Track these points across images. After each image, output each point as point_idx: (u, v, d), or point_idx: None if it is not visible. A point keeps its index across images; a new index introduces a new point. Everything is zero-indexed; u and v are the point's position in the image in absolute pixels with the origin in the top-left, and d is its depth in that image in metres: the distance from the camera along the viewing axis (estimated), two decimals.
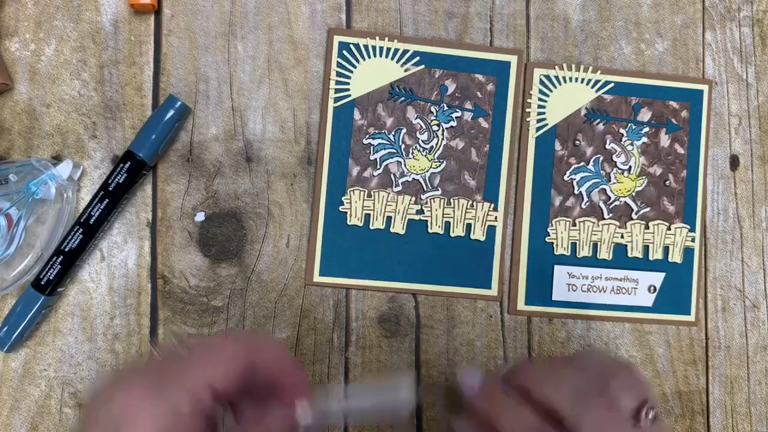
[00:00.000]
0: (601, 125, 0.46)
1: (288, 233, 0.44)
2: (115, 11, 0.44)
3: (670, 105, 0.47)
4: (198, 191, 0.44)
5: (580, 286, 0.46)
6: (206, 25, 0.44)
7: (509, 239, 0.46)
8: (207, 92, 0.44)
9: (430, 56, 0.45)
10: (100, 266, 0.43)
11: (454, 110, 0.45)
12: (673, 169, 0.47)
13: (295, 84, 0.45)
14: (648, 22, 0.47)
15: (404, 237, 0.45)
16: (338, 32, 0.45)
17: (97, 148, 0.43)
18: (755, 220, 0.48)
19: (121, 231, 0.43)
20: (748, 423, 0.47)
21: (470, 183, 0.45)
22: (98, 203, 0.41)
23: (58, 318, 0.42)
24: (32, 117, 0.43)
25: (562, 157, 0.46)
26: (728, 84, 0.48)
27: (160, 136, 0.42)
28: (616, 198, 0.46)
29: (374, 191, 0.45)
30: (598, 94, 0.46)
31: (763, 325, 0.47)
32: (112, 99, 0.43)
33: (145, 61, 0.44)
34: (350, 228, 0.44)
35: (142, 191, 0.43)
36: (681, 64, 0.48)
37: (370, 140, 0.45)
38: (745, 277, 0.47)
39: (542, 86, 0.46)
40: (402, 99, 0.45)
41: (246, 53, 0.44)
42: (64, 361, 0.42)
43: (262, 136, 0.44)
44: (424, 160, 0.45)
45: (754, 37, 0.48)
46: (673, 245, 0.46)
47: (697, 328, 0.47)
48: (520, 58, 0.46)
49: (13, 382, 0.42)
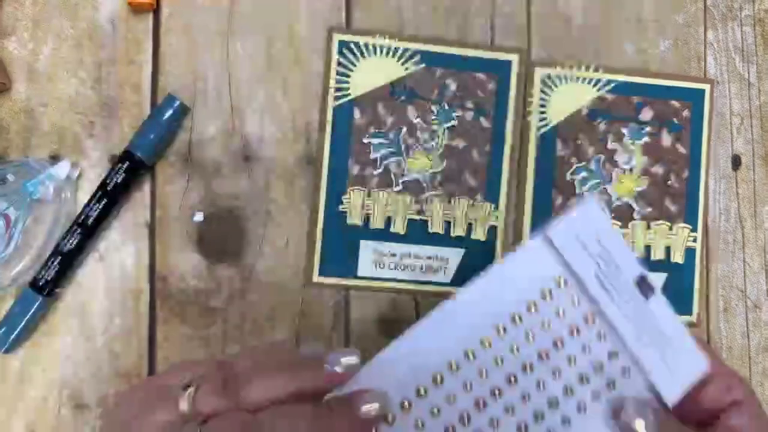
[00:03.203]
0: (602, 125, 0.46)
1: (287, 233, 0.44)
2: (113, 10, 0.43)
3: (671, 104, 0.46)
4: (197, 191, 0.43)
5: None
6: (205, 23, 0.44)
7: (510, 239, 0.46)
8: (206, 91, 0.44)
9: (431, 55, 0.45)
10: (99, 266, 0.43)
11: (454, 109, 0.45)
12: (675, 169, 0.46)
13: (295, 83, 0.44)
14: (650, 21, 0.47)
15: (404, 237, 0.44)
16: (338, 31, 0.44)
17: (95, 147, 0.43)
18: (757, 220, 0.48)
19: (120, 231, 0.43)
20: None
21: (471, 183, 0.45)
22: (96, 203, 0.41)
23: (56, 319, 0.42)
24: (30, 116, 0.43)
25: (564, 157, 0.46)
26: (730, 83, 0.48)
27: (158, 136, 0.41)
28: (618, 198, 0.46)
29: (374, 191, 0.44)
30: (599, 93, 0.46)
31: (764, 325, 0.47)
32: (110, 98, 0.43)
33: (143, 60, 0.43)
34: (350, 228, 0.44)
35: (140, 191, 0.43)
36: (683, 63, 0.47)
37: (370, 139, 0.44)
38: (746, 277, 0.47)
39: (543, 85, 0.46)
40: (402, 98, 0.45)
41: (245, 52, 0.44)
42: (62, 362, 0.42)
43: (261, 135, 0.44)
44: (425, 160, 0.45)
45: (755, 37, 0.48)
46: (675, 245, 0.46)
47: (699, 329, 0.46)
48: (522, 57, 0.46)
49: (11, 383, 0.42)
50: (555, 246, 0.28)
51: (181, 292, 0.43)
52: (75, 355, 0.42)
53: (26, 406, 0.42)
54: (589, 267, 0.29)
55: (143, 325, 0.43)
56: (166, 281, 0.43)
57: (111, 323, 0.42)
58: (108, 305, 0.42)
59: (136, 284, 0.43)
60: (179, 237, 0.43)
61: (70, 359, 0.42)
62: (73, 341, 0.42)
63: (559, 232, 0.28)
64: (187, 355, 0.43)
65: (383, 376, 0.26)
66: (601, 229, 0.29)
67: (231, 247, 0.43)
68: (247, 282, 0.43)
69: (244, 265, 0.43)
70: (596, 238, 0.29)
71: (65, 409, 0.42)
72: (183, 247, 0.43)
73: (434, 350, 0.27)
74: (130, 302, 0.43)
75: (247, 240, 0.44)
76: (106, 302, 0.42)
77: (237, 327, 0.43)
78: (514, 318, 0.28)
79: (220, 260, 0.43)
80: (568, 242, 0.28)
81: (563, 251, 0.28)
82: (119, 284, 0.43)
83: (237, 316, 0.43)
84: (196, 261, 0.43)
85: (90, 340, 0.42)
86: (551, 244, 0.28)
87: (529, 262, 0.29)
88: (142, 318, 0.43)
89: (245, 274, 0.43)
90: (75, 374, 0.42)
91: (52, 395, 0.42)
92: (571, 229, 0.29)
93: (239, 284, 0.43)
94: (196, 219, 0.43)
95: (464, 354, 0.27)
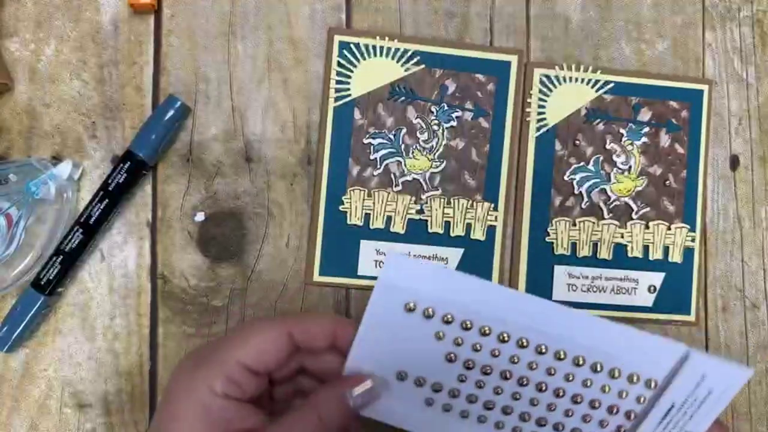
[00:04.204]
0: (601, 125, 0.46)
1: (288, 233, 0.44)
2: (115, 11, 0.44)
3: (670, 105, 0.47)
4: (198, 191, 0.44)
5: (580, 286, 0.46)
6: (206, 24, 0.44)
7: (509, 239, 0.46)
8: (207, 92, 0.44)
9: (431, 56, 0.45)
10: (100, 266, 0.43)
11: (454, 110, 0.45)
12: (674, 169, 0.47)
13: (295, 84, 0.45)
14: (648, 22, 0.47)
15: (404, 237, 0.45)
16: (338, 32, 0.45)
17: (97, 147, 0.43)
18: (755, 220, 0.48)
19: (121, 231, 0.43)
20: (748, 423, 0.47)
21: (470, 183, 0.45)
22: (98, 203, 0.41)
23: (57, 318, 0.42)
24: (32, 117, 0.43)
25: (562, 157, 0.46)
26: (728, 84, 0.48)
27: (159, 136, 0.42)
28: (616, 198, 0.46)
29: (374, 191, 0.45)
30: (598, 94, 0.46)
31: (763, 325, 0.47)
32: (111, 99, 0.43)
33: (144, 61, 0.44)
34: (350, 228, 0.44)
35: (141, 191, 0.43)
36: (681, 64, 0.48)
37: (371, 140, 0.45)
38: (745, 277, 0.47)
39: (542, 86, 0.46)
40: (402, 99, 0.45)
41: (246, 53, 0.44)
42: (64, 361, 0.42)
43: (262, 135, 0.44)
44: (424, 160, 0.45)
45: (754, 37, 0.49)
46: (673, 245, 0.46)
47: (697, 328, 0.47)
48: (521, 57, 0.46)
49: (13, 382, 0.42)
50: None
51: (183, 292, 0.43)
52: (77, 354, 0.42)
53: (28, 406, 0.42)
54: None
55: (144, 324, 0.43)
56: (168, 281, 0.43)
57: (112, 323, 0.43)
58: (109, 305, 0.43)
59: (137, 284, 0.43)
60: (180, 237, 0.43)
61: (72, 359, 0.42)
62: (75, 341, 0.42)
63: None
64: None
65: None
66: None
67: (232, 247, 0.44)
68: (248, 281, 0.44)
69: (245, 264, 0.44)
70: None
71: (67, 408, 0.42)
72: (184, 247, 0.43)
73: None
74: (132, 302, 0.43)
75: (247, 240, 0.44)
76: (107, 302, 0.43)
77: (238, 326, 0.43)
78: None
79: (221, 260, 0.44)
80: None
81: None
82: (121, 284, 0.43)
83: (238, 315, 0.43)
84: (197, 261, 0.43)
85: (91, 340, 0.42)
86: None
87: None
88: (143, 317, 0.43)
89: (246, 273, 0.44)
90: (77, 374, 0.42)
91: (53, 395, 0.42)
92: None
93: (240, 284, 0.44)
94: (197, 219, 0.44)
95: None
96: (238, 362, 0.29)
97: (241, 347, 0.29)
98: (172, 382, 0.29)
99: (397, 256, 0.30)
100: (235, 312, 0.43)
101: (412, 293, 0.30)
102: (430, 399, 0.32)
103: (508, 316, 0.30)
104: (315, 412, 0.29)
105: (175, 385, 0.29)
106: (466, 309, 0.30)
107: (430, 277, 0.30)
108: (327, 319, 0.31)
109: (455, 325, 0.30)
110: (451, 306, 0.30)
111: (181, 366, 0.30)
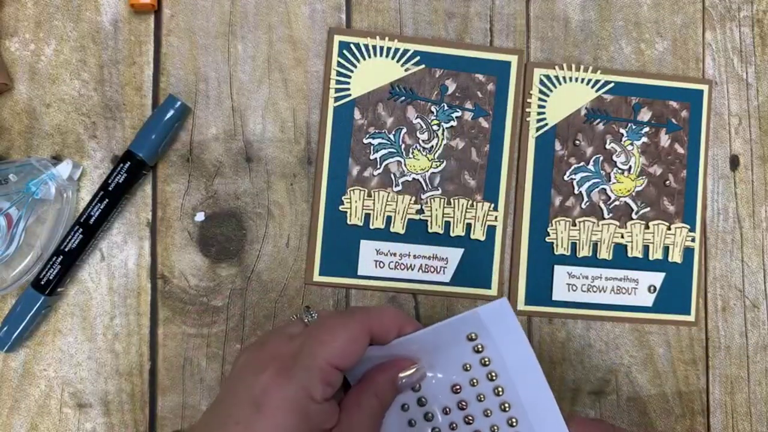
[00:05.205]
0: (601, 125, 0.46)
1: (288, 233, 0.44)
2: (115, 11, 0.44)
3: (670, 105, 0.47)
4: (198, 191, 0.44)
5: (580, 286, 0.46)
6: (206, 24, 0.44)
7: (509, 239, 0.46)
8: (207, 92, 0.44)
9: (431, 56, 0.45)
10: (100, 266, 0.43)
11: (454, 110, 0.45)
12: (673, 169, 0.47)
13: (295, 84, 0.45)
14: (648, 22, 0.47)
15: (404, 237, 0.45)
16: (338, 32, 0.45)
17: (97, 148, 0.43)
18: (755, 220, 0.48)
19: (121, 231, 0.43)
20: (748, 423, 0.47)
21: (470, 183, 0.45)
22: (98, 203, 0.41)
23: (57, 318, 0.42)
24: (32, 117, 0.43)
25: (562, 157, 0.46)
26: (728, 84, 0.48)
27: (159, 136, 0.42)
28: (616, 198, 0.46)
29: (374, 191, 0.45)
30: (598, 94, 0.46)
31: (763, 325, 0.47)
32: (111, 99, 0.43)
33: (145, 61, 0.44)
34: (350, 228, 0.44)
35: (141, 191, 0.43)
36: (681, 64, 0.48)
37: (371, 140, 0.45)
38: (745, 277, 0.47)
39: (542, 86, 0.46)
40: (402, 99, 0.45)
41: (246, 53, 0.44)
42: (64, 361, 0.42)
43: (262, 136, 0.44)
44: (424, 160, 0.45)
45: (754, 37, 0.49)
46: (673, 245, 0.46)
47: (697, 328, 0.47)
48: (520, 58, 0.46)
49: (13, 382, 0.42)
50: None
51: (182, 292, 0.43)
52: (77, 354, 0.42)
53: (28, 405, 0.42)
54: None
55: (144, 324, 0.43)
56: (168, 281, 0.43)
57: (112, 322, 0.43)
58: (109, 304, 0.43)
59: (137, 283, 0.43)
60: (180, 237, 0.43)
61: (72, 358, 0.42)
62: (75, 340, 0.42)
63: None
64: (187, 355, 0.43)
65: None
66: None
67: (232, 247, 0.44)
68: (248, 281, 0.44)
69: (244, 264, 0.44)
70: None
71: (67, 408, 0.42)
72: (184, 247, 0.43)
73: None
74: (132, 301, 0.43)
75: (247, 240, 0.44)
76: (107, 301, 0.43)
77: (238, 326, 0.43)
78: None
79: (221, 260, 0.44)
80: None
81: None
82: (121, 283, 0.43)
83: (238, 315, 0.43)
84: (198, 260, 0.43)
85: (91, 339, 0.42)
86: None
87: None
88: (143, 317, 0.43)
89: (246, 273, 0.44)
90: (76, 373, 0.42)
91: (53, 395, 0.42)
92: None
93: (240, 284, 0.44)
94: (197, 219, 0.44)
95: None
96: (330, 363, 0.29)
97: (330, 348, 0.29)
98: (265, 388, 0.28)
99: (507, 307, 0.31)
100: (235, 312, 0.43)
101: (485, 336, 0.32)
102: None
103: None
104: (374, 394, 0.31)
105: (269, 391, 0.28)
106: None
107: (513, 341, 0.32)
108: (395, 313, 0.32)
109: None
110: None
111: (254, 368, 0.29)
